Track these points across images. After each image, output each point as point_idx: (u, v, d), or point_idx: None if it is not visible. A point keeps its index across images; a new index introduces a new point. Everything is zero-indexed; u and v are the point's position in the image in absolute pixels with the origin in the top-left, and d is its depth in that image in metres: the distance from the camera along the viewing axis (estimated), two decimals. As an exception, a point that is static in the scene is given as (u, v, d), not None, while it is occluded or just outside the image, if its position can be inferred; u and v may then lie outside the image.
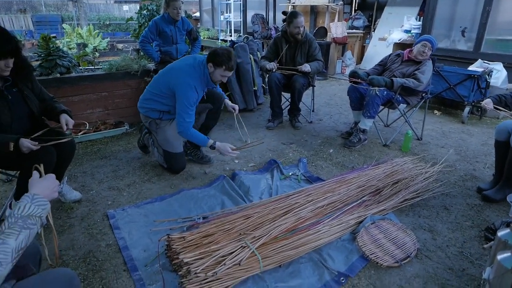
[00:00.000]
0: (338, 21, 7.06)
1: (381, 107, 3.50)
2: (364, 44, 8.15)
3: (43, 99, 2.26)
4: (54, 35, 8.09)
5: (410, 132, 3.40)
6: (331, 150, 3.43)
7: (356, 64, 7.72)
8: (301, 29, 3.70)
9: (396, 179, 2.65)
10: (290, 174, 2.88)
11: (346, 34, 7.09)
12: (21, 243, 1.01)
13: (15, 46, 1.93)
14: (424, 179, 2.70)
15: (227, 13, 9.56)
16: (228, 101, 3.10)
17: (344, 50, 7.46)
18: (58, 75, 3.67)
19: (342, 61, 7.34)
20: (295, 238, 1.96)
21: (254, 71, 4.78)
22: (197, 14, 12.24)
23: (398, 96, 3.37)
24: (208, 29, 10.31)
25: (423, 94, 3.54)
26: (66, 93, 3.66)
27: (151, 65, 4.20)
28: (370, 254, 1.92)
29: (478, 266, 1.90)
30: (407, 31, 6.32)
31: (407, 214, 2.37)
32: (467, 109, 4.33)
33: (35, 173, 1.21)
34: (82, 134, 3.25)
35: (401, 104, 3.49)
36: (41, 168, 1.27)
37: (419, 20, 6.33)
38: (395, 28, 6.65)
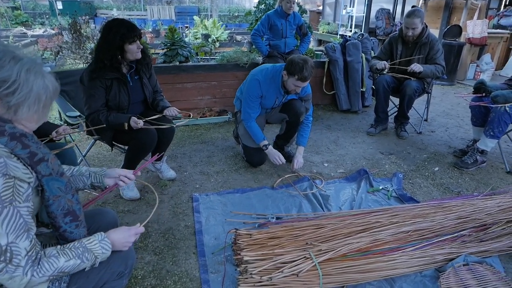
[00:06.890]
0: (478, 18, 6.08)
1: (511, 126, 2.91)
2: (510, 47, 6.89)
3: (156, 91, 2.58)
4: (187, 25, 9.04)
5: (547, 161, 2.75)
6: (437, 169, 3.02)
7: (496, 70, 6.58)
8: (413, 31, 3.31)
9: (513, 216, 2.19)
10: (380, 188, 2.64)
11: (486, 34, 6.07)
12: (66, 267, 1.04)
13: (139, 31, 2.30)
14: (554, 223, 2.16)
15: (350, 7, 9.16)
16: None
17: (481, 52, 6.41)
18: (178, 63, 4.08)
19: (477, 66, 6.33)
20: (365, 261, 1.80)
21: (365, 71, 4.50)
22: (321, 7, 12.08)
23: (537, 115, 2.74)
24: (328, 23, 10.08)
25: None
26: (182, 79, 4.06)
27: (260, 58, 4.33)
28: (454, 300, 1.64)
29: None
30: None
31: (517, 263, 1.94)
32: None
33: (136, 228, 1.25)
34: (182, 124, 3.48)
35: (541, 125, 2.85)
36: (140, 227, 1.27)
37: None
38: (556, 29, 5.41)
